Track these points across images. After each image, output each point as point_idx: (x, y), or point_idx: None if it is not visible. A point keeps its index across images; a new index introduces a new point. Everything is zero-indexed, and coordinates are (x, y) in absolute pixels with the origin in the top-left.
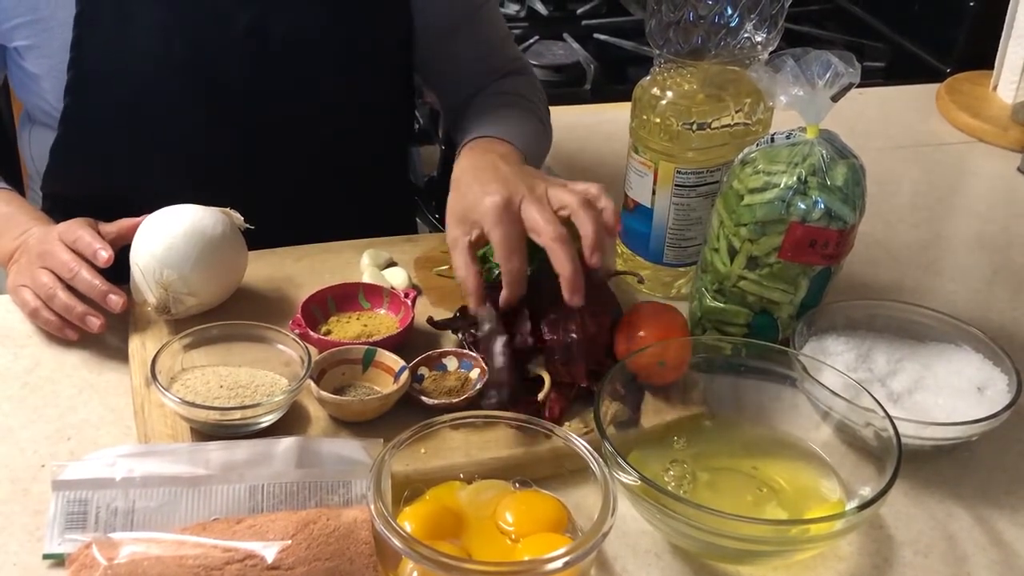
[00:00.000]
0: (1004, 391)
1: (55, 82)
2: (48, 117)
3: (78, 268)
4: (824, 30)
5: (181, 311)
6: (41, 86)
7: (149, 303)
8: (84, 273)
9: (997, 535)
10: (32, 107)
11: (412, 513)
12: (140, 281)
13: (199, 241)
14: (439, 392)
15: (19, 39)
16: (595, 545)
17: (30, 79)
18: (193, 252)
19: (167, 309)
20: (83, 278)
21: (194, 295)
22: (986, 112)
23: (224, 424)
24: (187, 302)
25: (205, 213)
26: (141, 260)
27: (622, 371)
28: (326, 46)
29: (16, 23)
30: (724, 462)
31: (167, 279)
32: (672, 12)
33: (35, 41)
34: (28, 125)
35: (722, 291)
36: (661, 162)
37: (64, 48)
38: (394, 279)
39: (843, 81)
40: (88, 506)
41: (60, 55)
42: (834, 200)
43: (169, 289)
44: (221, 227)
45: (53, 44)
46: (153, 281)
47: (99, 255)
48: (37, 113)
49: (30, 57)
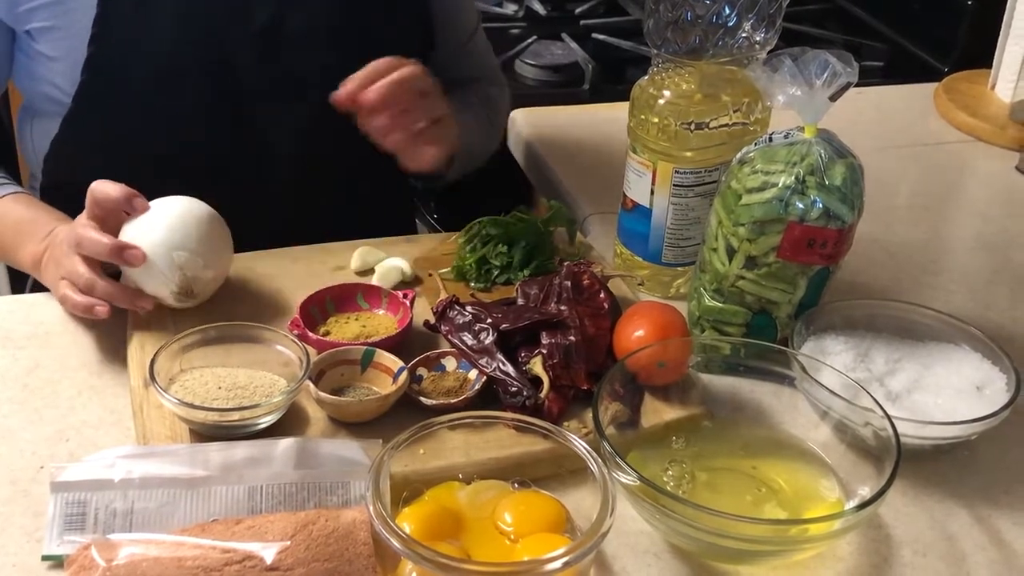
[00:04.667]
0: (1003, 390)
1: (71, 63)
2: (54, 104)
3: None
4: (822, 29)
5: (202, 289)
6: (54, 68)
7: (169, 293)
8: (91, 234)
9: (996, 534)
10: (36, 96)
11: (411, 514)
12: (153, 275)
13: (194, 219)
14: (438, 393)
15: (37, 21)
16: (594, 545)
17: (41, 63)
18: (193, 229)
19: (190, 291)
20: (89, 239)
21: (209, 267)
22: (984, 111)
23: (223, 425)
24: (205, 276)
25: (182, 199)
26: (148, 252)
27: (621, 371)
28: (341, 42)
29: (35, 4)
30: (723, 462)
31: (180, 261)
32: (670, 12)
33: (56, 22)
34: (28, 118)
35: (720, 291)
36: (659, 162)
37: (85, 28)
38: (390, 275)
39: (841, 80)
40: (87, 507)
41: (81, 35)
42: (832, 200)
43: (185, 269)
44: (202, 206)
45: (74, 24)
46: (167, 268)
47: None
48: (41, 102)
49: (47, 39)
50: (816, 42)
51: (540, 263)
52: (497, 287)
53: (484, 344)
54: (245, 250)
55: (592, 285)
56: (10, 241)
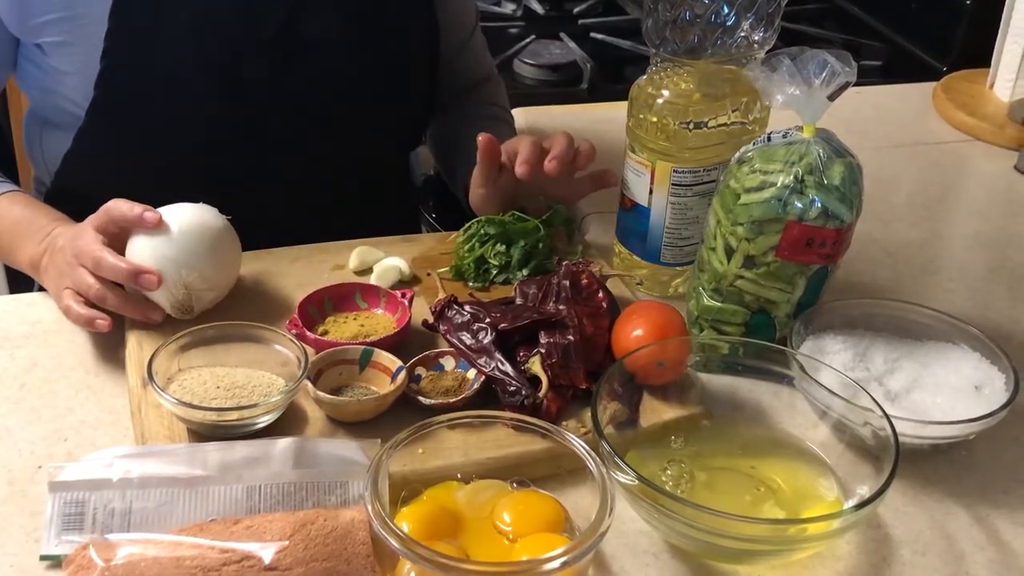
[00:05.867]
0: (1001, 390)
1: (84, 78)
2: (68, 116)
3: (104, 254)
4: (821, 29)
5: (201, 308)
6: (66, 83)
7: (169, 306)
8: (108, 258)
9: (995, 533)
10: (48, 108)
11: (409, 513)
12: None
13: (207, 237)
14: (436, 392)
15: (48, 35)
16: (593, 545)
17: (52, 77)
18: (205, 249)
19: (190, 308)
20: (108, 263)
21: (213, 289)
22: (983, 110)
23: (221, 425)
24: (206, 297)
25: (196, 209)
26: (157, 265)
27: (620, 371)
28: (352, 52)
29: (47, 19)
30: (722, 462)
31: (187, 279)
32: (669, 11)
33: (67, 37)
34: (38, 126)
35: (719, 290)
36: (658, 161)
37: (97, 43)
38: (388, 274)
39: (840, 80)
40: (85, 507)
41: (93, 50)
42: (831, 199)
43: (190, 288)
44: (218, 219)
45: (86, 40)
46: (173, 284)
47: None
48: (53, 114)
49: (59, 54)
50: (815, 41)
51: (538, 263)
52: (495, 286)
53: (482, 343)
54: (245, 250)
55: (591, 284)
56: (7, 241)
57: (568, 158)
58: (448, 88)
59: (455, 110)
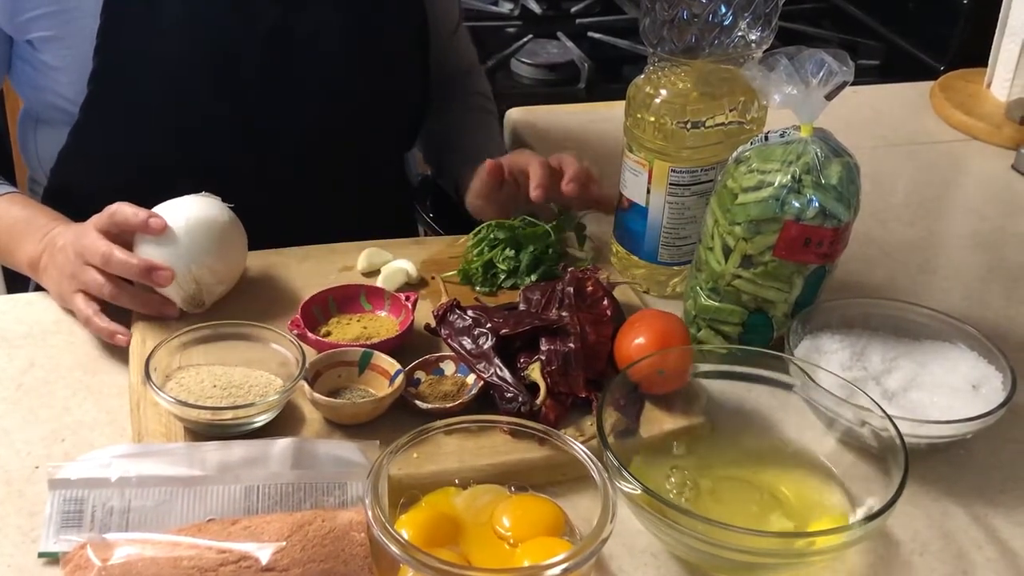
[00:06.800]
0: (999, 389)
1: (76, 74)
2: (61, 113)
3: (112, 251)
4: (818, 28)
5: (211, 300)
6: (58, 79)
7: (180, 300)
8: (118, 254)
9: (993, 532)
10: (40, 105)
11: (409, 520)
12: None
13: (214, 230)
14: (435, 396)
15: (38, 30)
16: (595, 551)
17: (44, 73)
18: (213, 242)
19: (201, 302)
20: (118, 259)
21: (222, 282)
22: (980, 110)
23: (216, 424)
24: (216, 290)
25: (201, 202)
26: (167, 262)
27: (623, 382)
28: (348, 47)
29: (37, 14)
30: (726, 470)
31: (197, 273)
32: (666, 11)
33: (58, 32)
34: (31, 124)
35: (717, 290)
36: (656, 161)
37: (89, 38)
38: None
39: (837, 79)
40: (84, 505)
41: (84, 46)
42: (828, 199)
43: (201, 282)
44: (223, 211)
45: (78, 35)
46: (183, 279)
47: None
48: (46, 111)
49: (49, 49)
50: (812, 41)
51: (547, 268)
52: (503, 291)
53: (482, 349)
54: (247, 249)
55: (595, 292)
56: (6, 242)
57: (583, 177)
58: (435, 80)
59: (441, 104)
